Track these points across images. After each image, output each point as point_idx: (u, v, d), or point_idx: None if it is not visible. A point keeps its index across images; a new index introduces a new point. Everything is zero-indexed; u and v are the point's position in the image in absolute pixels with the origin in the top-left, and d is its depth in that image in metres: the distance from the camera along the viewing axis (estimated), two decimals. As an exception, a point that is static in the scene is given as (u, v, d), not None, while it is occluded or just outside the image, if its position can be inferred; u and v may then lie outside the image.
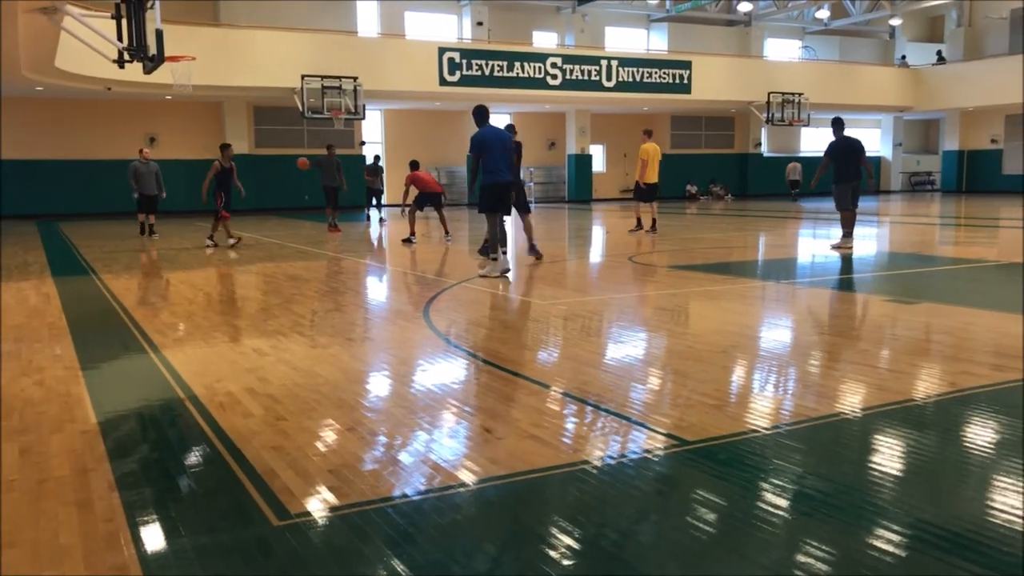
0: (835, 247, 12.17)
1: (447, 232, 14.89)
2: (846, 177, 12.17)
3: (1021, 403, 4.33)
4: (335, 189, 16.85)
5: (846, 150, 12.17)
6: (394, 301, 8.81)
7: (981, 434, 3.92)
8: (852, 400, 4.42)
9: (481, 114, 9.51)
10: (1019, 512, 2.92)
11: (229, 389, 4.77)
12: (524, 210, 11.37)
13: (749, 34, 33.39)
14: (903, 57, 34.92)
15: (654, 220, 15.73)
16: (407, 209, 14.98)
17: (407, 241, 14.25)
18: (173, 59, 13.91)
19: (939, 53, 33.92)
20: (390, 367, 5.57)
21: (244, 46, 22.46)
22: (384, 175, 21.63)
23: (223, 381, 4.96)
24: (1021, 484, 3.19)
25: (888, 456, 3.61)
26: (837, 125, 12.37)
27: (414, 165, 15.44)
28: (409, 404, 4.50)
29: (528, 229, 11.32)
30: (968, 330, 6.30)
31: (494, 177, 9.33)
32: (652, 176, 15.73)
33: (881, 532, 2.76)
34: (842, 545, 2.69)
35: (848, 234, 12.22)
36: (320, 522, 2.95)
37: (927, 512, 2.93)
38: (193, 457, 3.74)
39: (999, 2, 32.43)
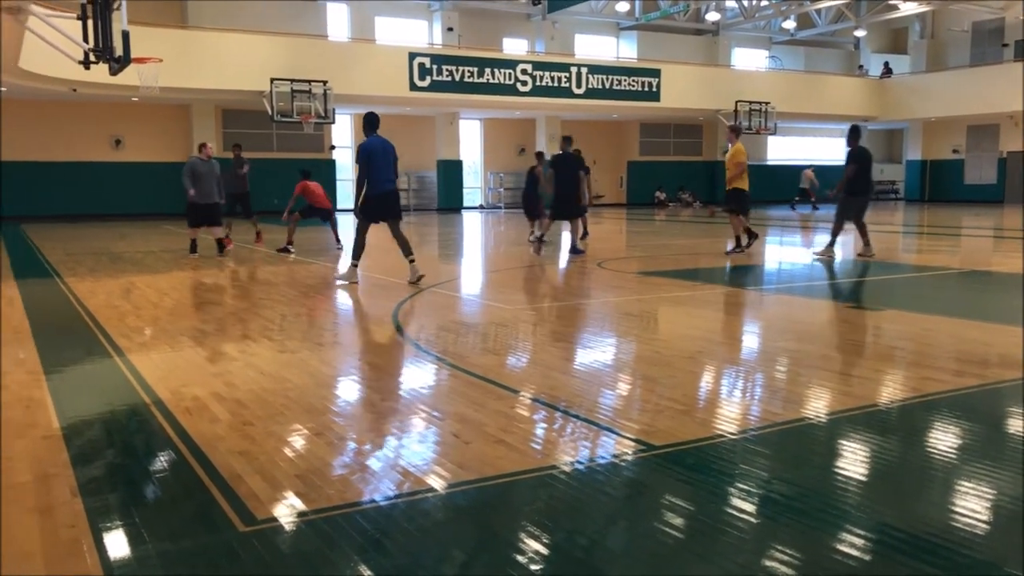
0: (822, 255, 11.89)
1: (338, 240, 14.21)
2: (862, 189, 11.86)
3: (986, 408, 4.42)
4: (243, 195, 14.94)
5: (868, 160, 11.86)
6: (363, 306, 8.76)
7: (943, 439, 3.98)
8: (817, 405, 4.48)
9: (372, 122, 9.53)
10: (980, 516, 2.98)
11: (195, 394, 4.72)
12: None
13: (717, 43, 33.75)
14: (860, 66, 35.50)
15: (738, 236, 13.25)
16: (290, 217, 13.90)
17: (284, 250, 13.36)
18: (140, 60, 13.74)
19: (886, 64, 34.42)
20: (359, 372, 5.54)
21: (212, 48, 22.24)
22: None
23: (189, 386, 4.91)
24: (982, 488, 3.25)
25: (852, 460, 3.66)
26: (856, 134, 11.86)
27: (305, 174, 13.84)
28: (378, 409, 4.48)
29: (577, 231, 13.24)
30: (931, 336, 6.41)
31: (381, 187, 9.36)
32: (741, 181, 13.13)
33: (845, 536, 2.79)
34: (807, 549, 2.72)
35: (832, 243, 11.90)
36: (287, 528, 2.93)
37: (890, 516, 2.97)
38: (158, 463, 3.69)
39: (960, 16, 33.13)
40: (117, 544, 2.81)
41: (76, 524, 2.95)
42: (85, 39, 12.09)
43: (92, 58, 12.18)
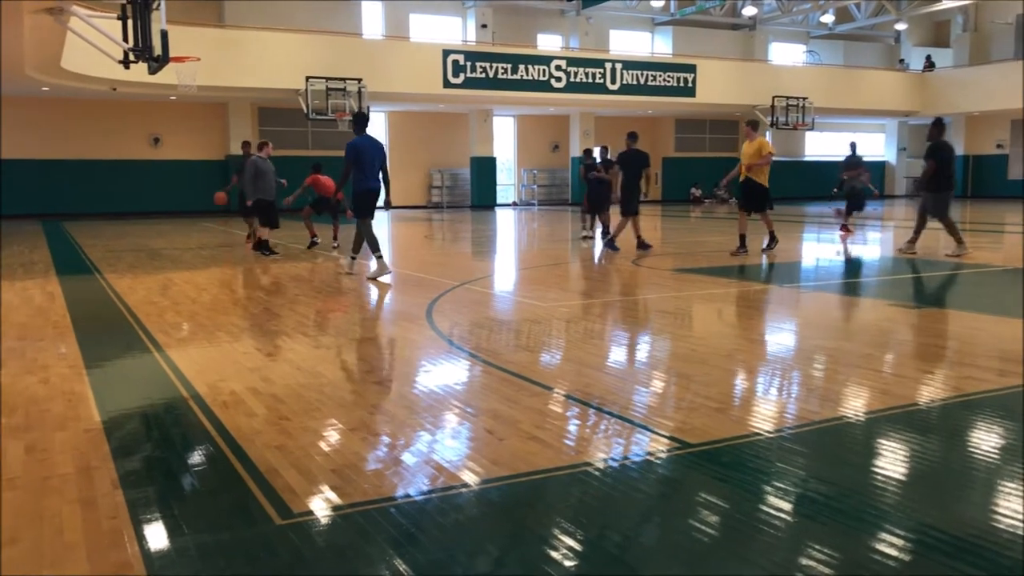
0: (953, 255, 11.51)
1: (335, 238, 14.10)
2: (947, 184, 11.58)
3: (1022, 407, 4.33)
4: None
5: (949, 155, 11.52)
6: (397, 302, 8.81)
7: (985, 439, 3.91)
8: (855, 404, 4.42)
9: (361, 122, 9.91)
10: (1021, 516, 2.92)
11: (232, 388, 4.78)
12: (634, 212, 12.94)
13: (754, 38, 33.42)
14: (901, 60, 34.89)
15: (772, 232, 12.67)
16: (302, 212, 14.07)
17: (312, 245, 13.68)
18: (178, 60, 13.91)
19: (928, 58, 33.72)
20: (393, 368, 5.57)
21: (249, 47, 22.49)
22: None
23: (226, 380, 4.97)
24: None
25: (891, 460, 3.61)
26: (940, 127, 11.55)
27: (316, 167, 13.96)
28: (412, 405, 4.50)
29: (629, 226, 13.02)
30: (972, 335, 6.29)
31: (367, 184, 9.74)
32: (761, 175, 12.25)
33: (884, 536, 2.75)
34: (845, 548, 2.69)
35: (959, 240, 11.60)
36: (323, 521, 2.96)
37: (930, 516, 2.93)
38: (196, 456, 3.74)
39: (1005, 7, 32.42)
40: (157, 536, 2.86)
41: (117, 515, 3.00)
42: (125, 39, 12.28)
43: (132, 57, 12.37)
